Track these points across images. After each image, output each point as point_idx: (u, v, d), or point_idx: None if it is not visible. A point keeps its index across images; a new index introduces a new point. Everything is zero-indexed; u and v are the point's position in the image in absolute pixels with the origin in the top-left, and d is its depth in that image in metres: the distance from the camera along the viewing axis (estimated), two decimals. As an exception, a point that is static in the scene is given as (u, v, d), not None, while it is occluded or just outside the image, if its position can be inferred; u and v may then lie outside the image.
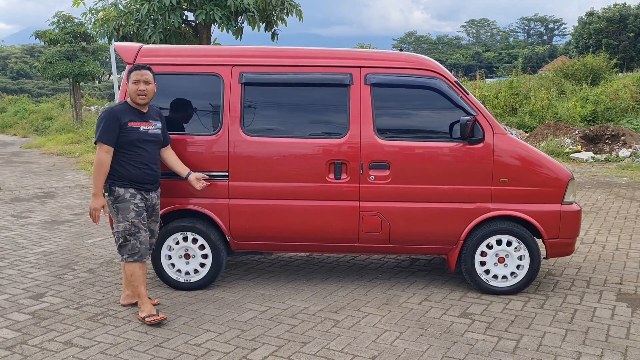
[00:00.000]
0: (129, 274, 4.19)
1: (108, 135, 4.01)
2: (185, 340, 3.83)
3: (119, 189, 4.09)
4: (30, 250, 6.16)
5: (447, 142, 4.57)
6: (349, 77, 4.60)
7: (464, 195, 4.56)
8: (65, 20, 21.79)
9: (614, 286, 4.88)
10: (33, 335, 3.92)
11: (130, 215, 4.10)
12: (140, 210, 4.13)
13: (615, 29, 48.09)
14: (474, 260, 4.63)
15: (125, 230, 4.10)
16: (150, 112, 4.24)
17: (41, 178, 11.97)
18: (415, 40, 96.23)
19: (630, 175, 11.20)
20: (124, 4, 10.89)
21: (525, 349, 3.67)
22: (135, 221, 4.10)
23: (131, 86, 4.11)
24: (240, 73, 4.62)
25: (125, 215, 4.10)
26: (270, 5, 10.56)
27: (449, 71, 4.82)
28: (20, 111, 31.39)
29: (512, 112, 18.86)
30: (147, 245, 4.20)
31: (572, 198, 4.63)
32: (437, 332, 3.95)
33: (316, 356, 3.60)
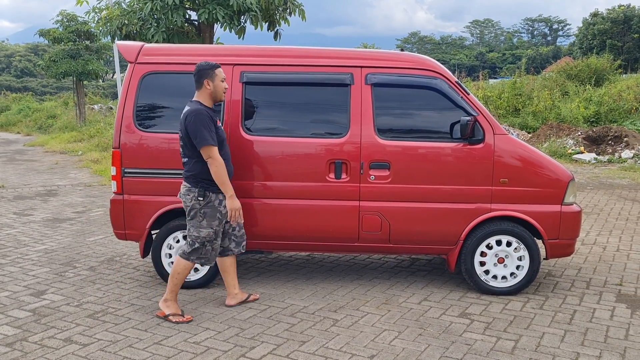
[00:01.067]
0: (178, 271, 4.17)
1: (212, 135, 3.97)
2: (185, 339, 3.84)
3: (212, 194, 4.09)
4: (31, 247, 6.18)
5: (447, 142, 4.57)
6: (350, 77, 4.61)
7: (464, 195, 4.56)
8: (69, 19, 21.86)
9: (613, 287, 4.88)
10: (33, 332, 3.94)
11: (214, 223, 4.11)
12: (223, 217, 4.15)
13: (620, 30, 47.95)
14: (473, 260, 4.64)
15: (207, 237, 4.12)
16: None
17: (44, 176, 12.01)
18: (419, 41, 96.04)
19: (632, 176, 11.17)
20: (127, 3, 10.93)
21: (524, 349, 3.68)
22: (217, 229, 4.14)
23: (219, 84, 4.10)
24: (241, 72, 4.63)
25: (210, 222, 4.10)
26: (272, 5, 10.58)
27: (453, 71, 4.83)
28: (24, 109, 31.45)
29: (515, 112, 18.83)
30: (217, 251, 4.23)
31: (572, 199, 4.63)
32: (435, 332, 3.95)
33: (315, 355, 3.61)
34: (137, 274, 5.27)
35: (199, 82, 4.09)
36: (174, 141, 4.52)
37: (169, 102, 4.70)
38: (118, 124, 4.65)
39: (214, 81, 4.08)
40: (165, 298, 4.19)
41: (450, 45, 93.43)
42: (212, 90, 4.09)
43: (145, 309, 4.37)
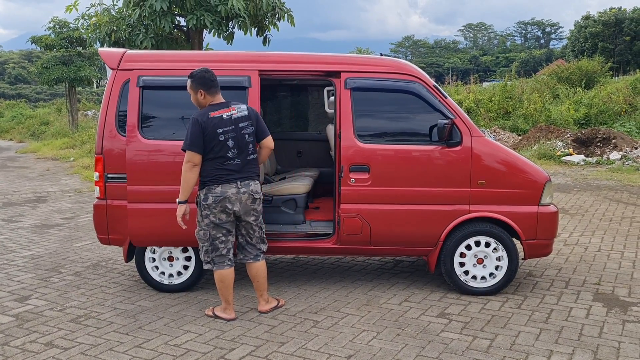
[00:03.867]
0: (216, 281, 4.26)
1: (191, 140, 4.06)
2: (165, 341, 3.88)
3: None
4: (18, 253, 6.21)
5: (426, 145, 4.64)
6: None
7: (443, 197, 4.63)
8: (61, 26, 21.87)
9: (592, 287, 4.95)
10: (15, 336, 3.97)
11: (204, 223, 4.22)
12: (218, 219, 4.20)
13: (611, 32, 48.23)
14: (453, 261, 4.70)
15: (202, 238, 4.22)
16: None
17: (34, 182, 12.03)
18: (412, 44, 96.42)
19: (620, 178, 11.27)
20: (116, 10, 10.97)
21: (499, 348, 3.74)
22: (210, 231, 4.21)
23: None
24: (138, 77, 4.62)
25: (202, 223, 4.21)
26: (261, 11, 10.66)
27: (447, 75, 4.92)
28: (17, 116, 31.40)
29: (505, 115, 18.95)
30: (221, 253, 4.24)
31: (549, 200, 4.70)
32: (413, 332, 4.01)
33: (293, 356, 3.66)
34: (121, 278, 5.31)
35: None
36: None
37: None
38: (100, 129, 4.70)
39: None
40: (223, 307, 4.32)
41: (444, 48, 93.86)
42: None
43: (128, 312, 4.41)
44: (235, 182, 4.08)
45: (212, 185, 4.06)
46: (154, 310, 4.44)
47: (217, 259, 4.17)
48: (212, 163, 4.05)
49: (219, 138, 4.02)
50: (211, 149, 4.02)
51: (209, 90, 4.09)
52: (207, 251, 4.18)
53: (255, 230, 4.26)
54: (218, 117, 4.05)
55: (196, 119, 4.02)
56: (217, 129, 4.01)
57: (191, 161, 4.01)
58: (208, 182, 4.07)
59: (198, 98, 4.11)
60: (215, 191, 4.05)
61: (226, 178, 4.06)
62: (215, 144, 4.02)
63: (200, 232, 4.16)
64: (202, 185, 4.10)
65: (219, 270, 4.18)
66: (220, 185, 4.06)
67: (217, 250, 4.16)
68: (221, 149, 4.04)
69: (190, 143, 3.99)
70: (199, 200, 4.13)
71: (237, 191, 4.08)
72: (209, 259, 4.19)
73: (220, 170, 4.06)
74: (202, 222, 4.13)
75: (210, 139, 4.01)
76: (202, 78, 4.07)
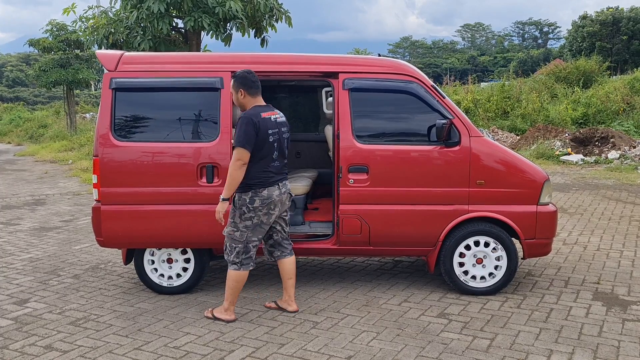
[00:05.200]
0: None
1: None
2: (165, 343, 3.88)
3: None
4: (17, 256, 6.20)
5: (424, 145, 4.64)
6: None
7: (442, 197, 4.63)
8: (58, 28, 21.84)
9: (591, 286, 4.95)
10: (14, 339, 3.97)
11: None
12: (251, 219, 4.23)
13: (609, 32, 48.30)
14: (452, 261, 4.70)
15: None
16: None
17: (33, 185, 12.01)
18: (410, 45, 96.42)
19: (618, 177, 11.28)
20: (113, 12, 10.97)
21: (498, 348, 3.74)
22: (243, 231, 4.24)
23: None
24: (111, 79, 4.62)
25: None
26: (259, 12, 10.66)
27: (445, 75, 4.92)
28: (15, 119, 31.39)
29: (504, 115, 18.97)
30: (247, 254, 4.25)
31: (547, 199, 4.71)
32: (413, 332, 4.01)
33: (293, 357, 3.65)
34: (120, 280, 5.30)
35: None
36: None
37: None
38: (98, 132, 4.70)
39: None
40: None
41: (441, 49, 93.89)
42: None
43: (127, 315, 4.40)
44: (277, 184, 4.15)
45: (259, 188, 4.07)
46: (154, 313, 4.44)
47: (245, 261, 4.17)
48: (259, 165, 4.06)
49: (269, 139, 4.06)
50: (260, 150, 4.04)
51: (249, 90, 4.11)
52: (238, 252, 4.15)
53: (286, 225, 4.34)
54: (268, 118, 4.09)
55: (250, 118, 4.01)
56: (268, 129, 4.05)
57: (242, 159, 3.99)
58: (255, 185, 4.07)
59: (238, 97, 4.14)
60: (262, 194, 4.07)
61: (270, 180, 4.11)
62: (265, 144, 4.05)
63: (237, 233, 4.13)
64: (248, 188, 4.07)
65: (240, 272, 4.18)
66: (267, 188, 4.08)
67: (248, 253, 4.16)
68: (268, 151, 4.08)
69: (245, 140, 3.97)
70: (241, 203, 4.09)
71: (279, 193, 4.15)
72: (238, 260, 4.16)
73: (265, 172, 4.09)
74: (241, 223, 4.11)
75: (262, 139, 4.03)
76: (244, 78, 4.10)
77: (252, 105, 4.14)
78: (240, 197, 4.11)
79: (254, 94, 4.14)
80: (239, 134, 4.00)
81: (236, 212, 4.12)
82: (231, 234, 4.17)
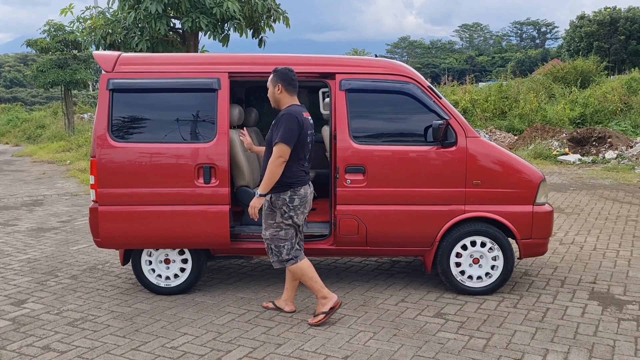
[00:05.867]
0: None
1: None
2: (162, 344, 3.88)
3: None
4: (14, 257, 6.21)
5: (421, 145, 4.66)
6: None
7: (439, 197, 4.64)
8: (56, 29, 21.84)
9: (587, 285, 4.97)
10: (12, 340, 3.97)
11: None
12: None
13: (606, 32, 48.40)
14: (449, 261, 4.71)
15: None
16: None
17: (30, 186, 12.01)
18: (409, 45, 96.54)
19: (615, 176, 11.31)
20: (111, 13, 10.97)
21: (495, 347, 3.75)
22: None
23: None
24: (108, 80, 4.63)
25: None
26: (256, 13, 10.67)
27: (443, 75, 4.94)
28: (12, 120, 31.37)
29: (501, 115, 19.00)
30: (286, 247, 4.25)
31: (543, 199, 4.72)
32: (410, 332, 4.02)
33: (290, 357, 3.66)
34: (118, 281, 5.31)
35: None
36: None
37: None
38: (95, 133, 4.70)
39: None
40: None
41: (440, 49, 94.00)
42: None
43: (125, 315, 4.41)
44: (308, 183, 4.21)
45: (297, 187, 4.09)
46: (151, 313, 4.45)
47: (296, 253, 4.20)
48: (297, 164, 4.09)
49: (307, 139, 4.11)
50: (300, 149, 4.06)
51: (287, 87, 4.11)
52: (288, 250, 4.16)
53: (304, 226, 4.37)
54: (307, 119, 4.13)
55: (295, 116, 4.01)
56: (307, 130, 4.10)
57: (283, 156, 3.98)
58: (294, 184, 4.08)
59: (275, 92, 4.14)
60: (300, 193, 4.10)
61: (305, 179, 4.17)
62: (305, 144, 4.09)
63: (281, 232, 4.13)
64: (287, 187, 4.07)
65: (301, 263, 4.19)
66: (302, 187, 4.13)
67: (293, 247, 4.20)
68: (305, 150, 4.13)
69: (289, 138, 3.96)
70: (281, 202, 4.08)
71: (310, 192, 4.22)
72: (289, 256, 4.17)
73: (302, 172, 4.14)
74: (283, 222, 4.12)
75: (303, 139, 4.06)
76: (284, 74, 4.12)
77: (287, 103, 4.13)
78: (279, 197, 4.09)
79: (291, 92, 4.14)
80: (283, 131, 3.96)
81: (276, 212, 4.11)
82: (275, 235, 4.15)
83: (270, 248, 4.22)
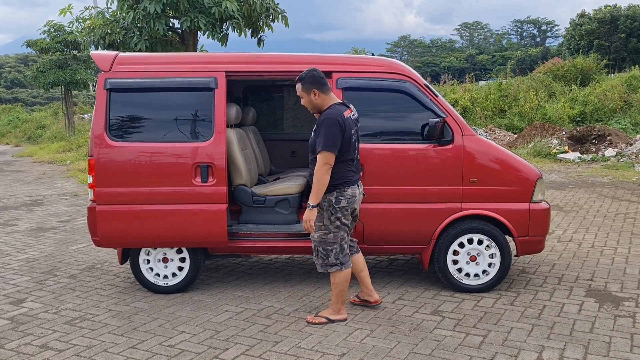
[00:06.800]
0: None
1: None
2: (160, 342, 3.90)
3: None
4: (13, 257, 6.22)
5: (418, 143, 4.67)
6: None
7: (435, 195, 4.65)
8: (56, 29, 21.86)
9: (584, 282, 4.98)
10: (10, 339, 3.99)
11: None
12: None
13: (607, 30, 48.30)
14: (446, 259, 4.72)
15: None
16: None
17: (30, 186, 12.03)
18: (409, 44, 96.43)
19: (614, 174, 11.31)
20: (109, 13, 10.98)
21: (491, 344, 3.76)
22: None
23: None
24: (105, 79, 4.65)
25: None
26: (255, 12, 10.66)
27: (443, 74, 4.94)
28: (13, 120, 31.42)
29: (501, 114, 19.00)
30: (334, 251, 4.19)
31: (540, 196, 4.73)
32: (406, 330, 4.03)
33: (287, 354, 3.68)
34: (117, 280, 5.32)
35: None
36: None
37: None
38: (93, 133, 4.71)
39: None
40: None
41: (440, 48, 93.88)
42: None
43: (123, 314, 4.43)
44: (356, 182, 4.12)
45: (344, 187, 4.01)
46: (149, 312, 4.46)
47: (344, 259, 4.11)
48: (343, 165, 4.00)
49: (352, 139, 4.01)
50: (345, 150, 3.97)
51: (322, 88, 4.00)
52: (336, 253, 4.08)
53: (355, 222, 4.33)
54: (349, 117, 4.02)
55: (336, 119, 3.90)
56: (351, 129, 3.99)
57: (328, 163, 3.88)
58: (340, 185, 4.00)
59: (312, 99, 4.02)
60: (347, 193, 4.02)
61: (353, 179, 4.07)
62: (349, 144, 3.99)
63: (329, 235, 4.05)
64: (332, 189, 3.97)
65: (346, 270, 4.13)
66: (350, 187, 4.04)
67: (344, 251, 4.11)
68: (351, 150, 4.03)
69: (332, 144, 3.86)
70: (327, 204, 4.00)
71: (358, 192, 4.13)
72: (337, 261, 4.08)
73: (349, 172, 4.05)
74: (331, 225, 4.03)
75: (347, 140, 3.95)
76: (313, 77, 3.99)
77: (328, 104, 4.01)
78: (325, 199, 4.00)
79: (326, 91, 4.02)
80: (325, 138, 3.86)
81: (324, 214, 4.03)
82: (323, 238, 4.07)
83: (317, 250, 4.13)
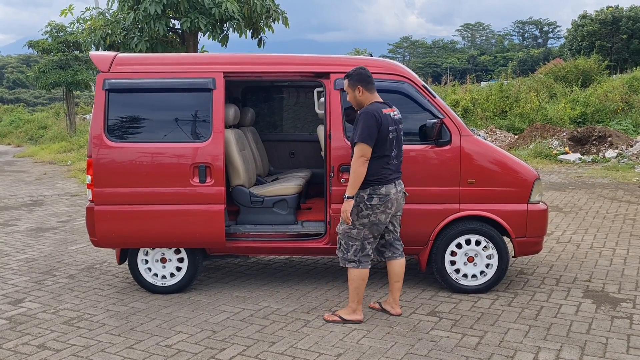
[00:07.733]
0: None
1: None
2: (157, 342, 3.91)
3: None
4: (13, 257, 6.24)
5: (415, 144, 4.67)
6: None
7: (433, 196, 4.66)
8: (57, 30, 21.88)
9: (582, 284, 4.97)
10: (8, 339, 4.00)
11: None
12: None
13: (608, 31, 48.24)
14: (444, 259, 4.73)
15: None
16: None
17: (31, 187, 12.05)
18: (410, 45, 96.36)
19: (615, 175, 11.30)
20: (110, 14, 11.00)
21: (487, 345, 3.76)
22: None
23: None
24: (104, 80, 4.66)
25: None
26: (255, 13, 10.68)
27: (445, 75, 4.94)
28: (15, 120, 31.46)
29: (502, 114, 18.99)
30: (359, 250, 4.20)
31: (538, 197, 4.73)
32: (403, 330, 4.03)
33: (283, 355, 3.68)
34: (115, 280, 5.33)
35: None
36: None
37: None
38: (91, 133, 4.73)
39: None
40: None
41: (441, 49, 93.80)
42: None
43: (121, 314, 4.44)
44: (394, 181, 4.11)
45: (378, 185, 4.03)
46: (147, 312, 4.47)
47: (363, 258, 4.13)
48: (379, 162, 4.02)
49: (389, 136, 4.03)
50: (380, 146, 4.00)
51: (367, 86, 4.07)
52: (356, 250, 4.10)
53: (399, 225, 4.31)
54: (388, 114, 4.05)
55: (372, 113, 3.95)
56: (388, 126, 4.02)
57: (365, 155, 3.94)
58: (374, 181, 4.02)
59: (356, 96, 4.09)
60: (381, 191, 4.03)
61: (389, 178, 4.07)
62: (387, 142, 4.01)
63: (353, 230, 4.08)
64: (366, 185, 4.01)
65: (362, 269, 4.13)
66: (385, 185, 4.04)
67: (365, 250, 4.12)
68: (388, 148, 4.04)
69: (368, 136, 3.91)
70: (358, 200, 4.03)
71: (396, 191, 4.11)
72: (355, 258, 4.11)
73: (385, 169, 4.05)
74: (358, 221, 4.05)
75: (383, 136, 3.98)
76: (360, 75, 4.06)
77: (369, 102, 4.09)
78: (357, 194, 4.04)
79: (371, 90, 4.09)
80: (361, 130, 3.93)
81: (353, 209, 4.06)
82: (347, 232, 4.11)
83: (340, 243, 4.19)
